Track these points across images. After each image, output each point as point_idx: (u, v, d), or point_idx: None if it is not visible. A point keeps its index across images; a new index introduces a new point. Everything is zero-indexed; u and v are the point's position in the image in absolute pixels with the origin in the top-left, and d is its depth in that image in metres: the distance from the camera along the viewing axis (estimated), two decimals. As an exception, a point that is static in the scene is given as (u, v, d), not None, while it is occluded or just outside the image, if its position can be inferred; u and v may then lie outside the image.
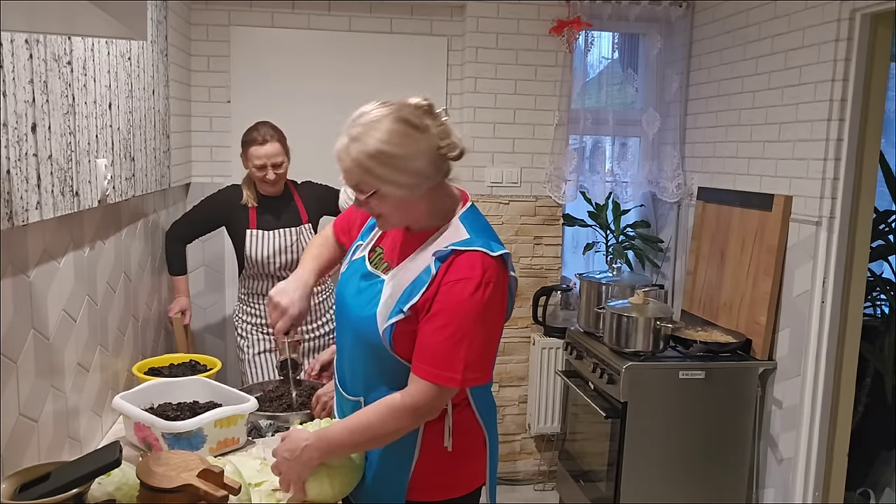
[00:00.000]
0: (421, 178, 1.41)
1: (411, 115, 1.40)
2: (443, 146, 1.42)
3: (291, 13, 3.40)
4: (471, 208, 1.54)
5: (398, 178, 1.39)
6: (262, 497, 1.55)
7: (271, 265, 2.79)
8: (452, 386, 1.39)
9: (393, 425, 1.43)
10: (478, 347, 1.40)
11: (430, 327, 1.40)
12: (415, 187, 1.42)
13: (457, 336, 1.38)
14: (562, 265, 3.68)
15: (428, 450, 1.52)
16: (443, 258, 1.42)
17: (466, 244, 1.43)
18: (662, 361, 2.81)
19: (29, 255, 1.44)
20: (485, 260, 1.40)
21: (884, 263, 3.29)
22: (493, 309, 1.42)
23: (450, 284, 1.40)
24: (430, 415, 1.45)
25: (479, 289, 1.38)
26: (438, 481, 1.55)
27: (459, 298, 1.38)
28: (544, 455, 3.71)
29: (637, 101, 3.72)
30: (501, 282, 1.43)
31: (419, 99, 1.44)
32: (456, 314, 1.38)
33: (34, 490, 1.23)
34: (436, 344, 1.40)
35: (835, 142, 2.55)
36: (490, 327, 1.43)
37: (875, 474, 3.08)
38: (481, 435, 1.59)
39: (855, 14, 2.47)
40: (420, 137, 1.39)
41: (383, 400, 1.44)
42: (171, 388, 1.95)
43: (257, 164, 2.71)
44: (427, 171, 1.41)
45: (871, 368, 3.09)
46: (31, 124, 1.40)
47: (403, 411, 1.41)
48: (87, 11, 0.94)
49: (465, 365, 1.38)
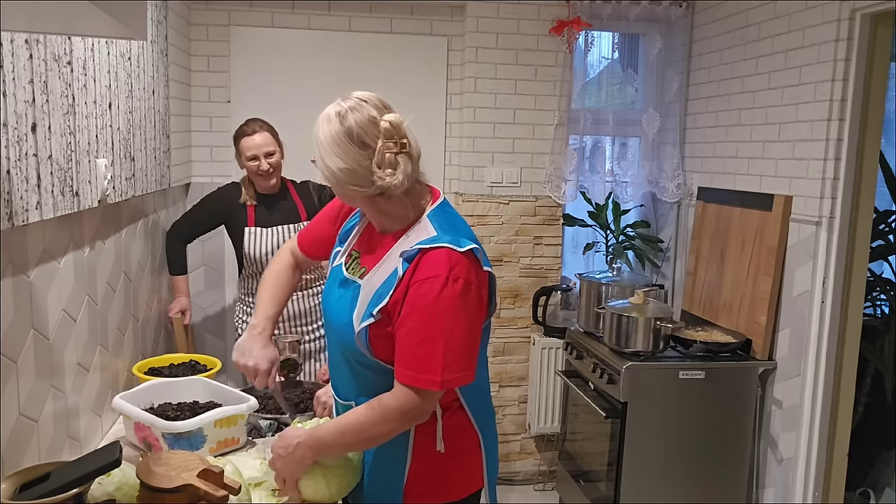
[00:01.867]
0: (342, 178, 1.43)
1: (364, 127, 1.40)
2: (374, 172, 1.40)
3: (291, 13, 3.40)
4: (440, 205, 1.51)
5: (323, 163, 1.44)
6: (262, 497, 1.55)
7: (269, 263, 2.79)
8: (433, 389, 1.37)
9: (383, 427, 1.42)
10: (456, 346, 1.37)
11: (404, 330, 1.39)
12: (336, 185, 1.46)
13: (430, 337, 1.36)
14: (562, 265, 3.68)
15: (420, 453, 1.51)
16: (410, 258, 1.41)
17: (432, 241, 1.41)
18: (662, 361, 2.81)
19: (29, 255, 1.44)
20: (451, 256, 1.38)
21: (884, 263, 3.29)
22: (466, 305, 1.38)
23: (417, 284, 1.38)
24: (419, 417, 1.43)
25: (447, 286, 1.36)
26: (434, 484, 1.54)
27: (428, 299, 1.36)
28: (544, 455, 3.71)
29: (637, 101, 3.72)
30: (473, 277, 1.40)
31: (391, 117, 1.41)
32: (426, 314, 1.37)
33: (34, 490, 1.23)
34: (411, 347, 1.38)
35: (835, 142, 2.55)
36: (465, 324, 1.39)
37: (875, 474, 3.08)
38: (475, 437, 1.57)
39: (855, 14, 2.47)
40: (351, 151, 1.40)
41: (374, 401, 1.43)
42: (171, 388, 1.95)
43: (248, 155, 2.71)
44: (343, 179, 1.43)
45: (871, 368, 3.09)
46: (31, 124, 1.40)
47: (391, 413, 1.40)
48: (87, 11, 0.94)
49: (444, 366, 1.36)
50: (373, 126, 1.40)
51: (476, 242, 1.45)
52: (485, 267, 1.45)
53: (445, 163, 3.64)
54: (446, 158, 3.64)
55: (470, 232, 1.50)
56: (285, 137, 2.81)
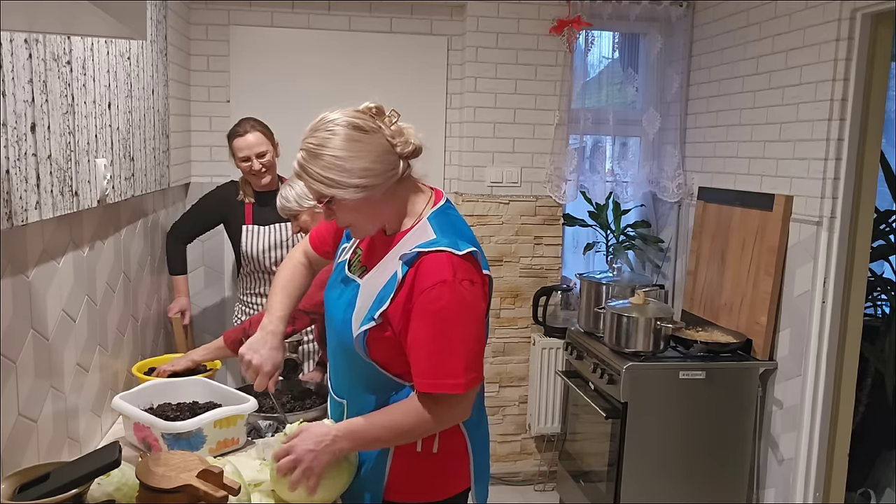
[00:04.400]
0: (371, 179, 1.39)
1: (358, 118, 1.41)
2: (395, 144, 1.42)
3: (291, 13, 3.40)
4: (442, 207, 1.51)
5: (347, 180, 1.38)
6: (262, 497, 1.55)
7: (266, 260, 2.79)
8: (457, 392, 1.39)
9: (420, 430, 1.45)
10: (472, 347, 1.40)
11: (418, 339, 1.39)
12: (367, 188, 1.40)
13: (448, 342, 1.38)
14: (562, 265, 3.68)
15: (402, 450, 1.52)
16: (409, 262, 1.41)
17: (431, 245, 1.41)
18: (663, 361, 2.81)
19: (28, 255, 1.44)
20: (452, 260, 1.39)
21: (884, 263, 3.29)
22: (475, 306, 1.41)
23: (425, 293, 1.38)
24: (454, 420, 1.47)
25: (455, 290, 1.37)
26: (417, 483, 1.55)
27: (439, 304, 1.37)
28: (544, 455, 3.71)
29: (637, 100, 3.72)
30: (476, 278, 1.42)
31: (368, 103, 1.45)
32: (439, 320, 1.38)
33: (34, 490, 1.23)
34: (429, 355, 1.39)
35: (835, 141, 2.55)
36: (476, 325, 1.42)
37: (875, 474, 3.08)
38: (462, 439, 1.57)
39: (855, 14, 2.46)
40: (366, 139, 1.39)
41: (411, 401, 1.44)
42: (171, 388, 1.95)
43: (241, 155, 2.73)
44: (377, 169, 1.39)
45: (872, 368, 3.09)
46: (30, 124, 1.40)
47: (427, 417, 1.42)
48: (86, 11, 0.94)
49: (465, 368, 1.38)
50: (360, 113, 1.43)
51: (476, 245, 1.46)
52: (484, 270, 1.46)
53: (445, 163, 3.63)
54: (446, 158, 3.63)
55: (471, 234, 1.51)
56: (284, 137, 2.81)
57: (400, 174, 1.44)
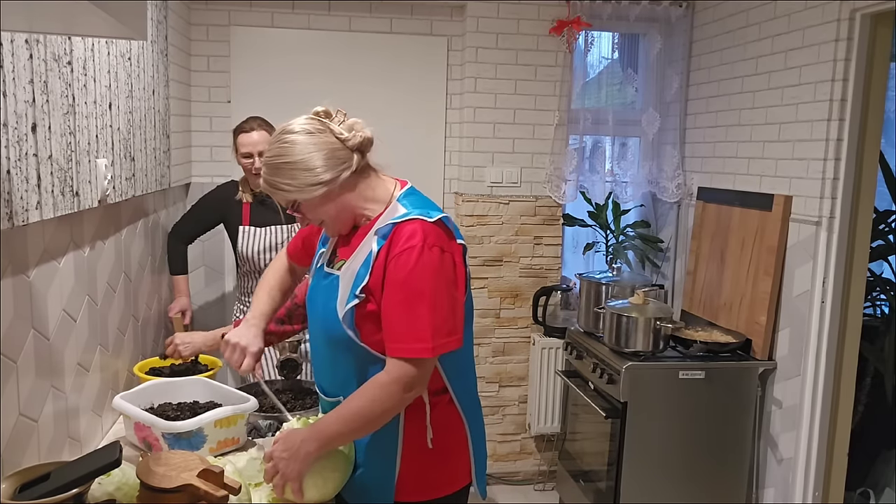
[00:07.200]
0: (326, 174, 1.46)
1: (308, 123, 1.49)
2: (344, 139, 1.48)
3: (291, 13, 3.40)
4: (409, 189, 1.58)
5: (304, 181, 1.45)
6: (262, 497, 1.55)
7: (262, 262, 2.80)
8: (425, 356, 1.41)
9: (382, 405, 1.44)
10: (441, 311, 1.42)
11: (389, 304, 1.43)
12: (325, 184, 1.46)
13: (415, 305, 1.40)
14: (562, 265, 3.68)
15: (410, 448, 1.53)
16: (385, 235, 1.47)
17: (404, 216, 1.47)
18: (662, 361, 2.81)
19: (29, 255, 1.44)
20: (424, 226, 1.44)
21: (884, 263, 3.29)
22: (444, 270, 1.44)
23: (395, 257, 1.43)
24: (417, 387, 1.45)
25: (424, 253, 1.41)
26: (424, 480, 1.56)
27: (407, 268, 1.41)
28: (544, 455, 3.71)
29: (637, 101, 3.72)
30: (447, 244, 1.46)
31: (317, 108, 1.53)
32: (408, 283, 1.41)
33: (34, 490, 1.23)
34: (397, 318, 1.42)
35: (835, 142, 2.55)
36: (448, 289, 1.44)
37: (875, 474, 3.08)
38: (463, 431, 1.60)
39: (855, 14, 2.47)
40: (315, 139, 1.47)
41: (368, 383, 1.46)
42: (172, 388, 1.95)
43: (244, 151, 2.73)
44: (329, 164, 1.46)
45: (871, 368, 3.09)
46: (31, 124, 1.40)
47: (389, 387, 1.42)
48: (87, 11, 0.94)
49: (433, 331, 1.40)
50: (310, 118, 1.51)
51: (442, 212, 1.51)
52: (458, 240, 1.51)
53: (445, 163, 3.64)
54: (446, 158, 3.64)
55: (438, 207, 1.55)
56: (285, 137, 2.81)
57: (355, 166, 1.50)
